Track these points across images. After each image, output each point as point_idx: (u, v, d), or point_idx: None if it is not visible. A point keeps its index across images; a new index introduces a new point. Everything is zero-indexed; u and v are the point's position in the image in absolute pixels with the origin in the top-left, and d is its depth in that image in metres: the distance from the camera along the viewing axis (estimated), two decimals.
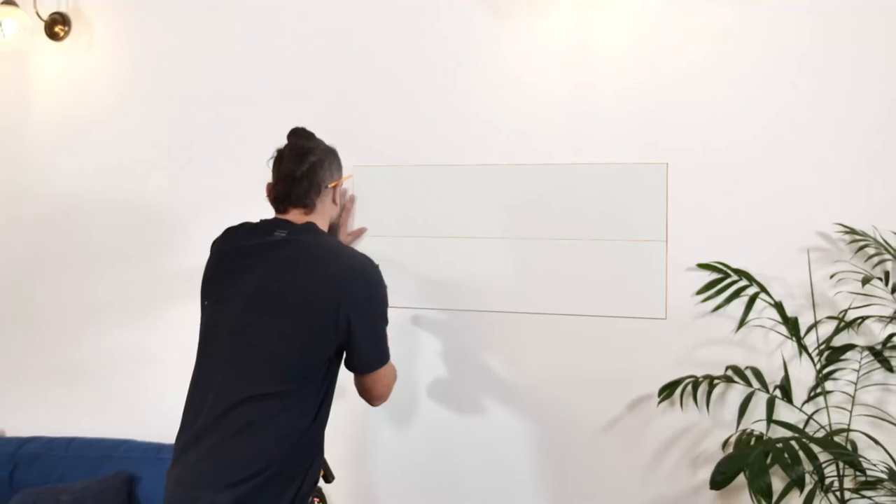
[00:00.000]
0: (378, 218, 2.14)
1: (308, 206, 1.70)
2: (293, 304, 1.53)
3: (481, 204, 2.07)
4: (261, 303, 1.53)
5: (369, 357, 1.66)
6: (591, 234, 2.01)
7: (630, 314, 1.98)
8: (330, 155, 1.77)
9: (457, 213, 2.09)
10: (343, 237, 2.08)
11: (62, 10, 2.40)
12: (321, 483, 1.65)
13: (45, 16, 2.38)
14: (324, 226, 1.74)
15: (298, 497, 1.57)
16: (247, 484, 1.46)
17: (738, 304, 1.90)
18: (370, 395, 1.71)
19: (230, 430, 1.49)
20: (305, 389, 1.56)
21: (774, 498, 1.57)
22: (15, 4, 2.33)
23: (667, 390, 1.86)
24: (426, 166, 2.11)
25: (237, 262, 1.59)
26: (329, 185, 1.74)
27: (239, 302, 1.54)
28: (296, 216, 1.69)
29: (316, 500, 1.63)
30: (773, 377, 1.89)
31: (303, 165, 1.70)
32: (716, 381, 1.85)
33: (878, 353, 1.78)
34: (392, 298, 1.69)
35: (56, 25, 2.38)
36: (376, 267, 1.66)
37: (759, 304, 1.89)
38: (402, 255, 2.12)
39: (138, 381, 2.30)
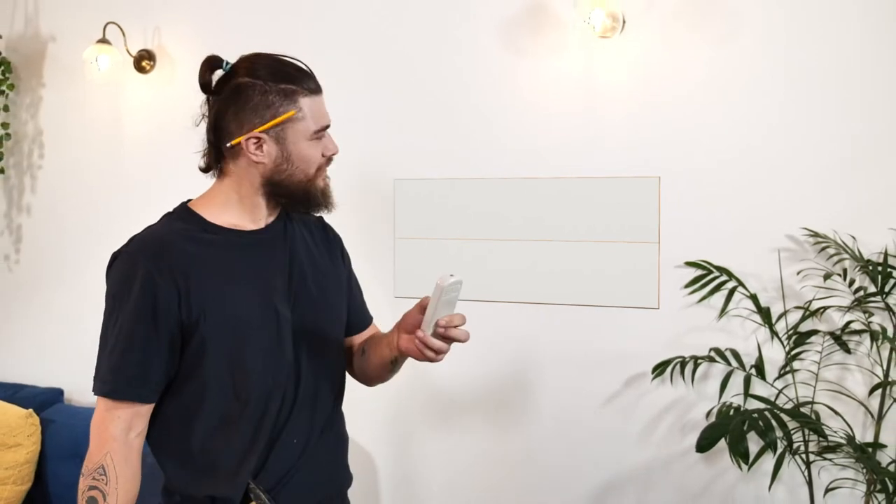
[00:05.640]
0: (416, 223, 2.30)
1: (219, 173, 1.17)
2: None
3: (502, 211, 2.21)
4: None
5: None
6: (594, 237, 2.12)
7: (628, 304, 2.10)
8: (238, 95, 1.10)
9: (481, 218, 2.23)
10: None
11: (148, 47, 2.59)
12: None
13: (134, 52, 2.58)
14: (241, 194, 1.16)
15: None
16: None
17: (720, 297, 2.01)
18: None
19: None
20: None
21: (750, 459, 1.70)
22: (108, 43, 2.52)
23: (659, 368, 1.98)
24: (456, 179, 2.26)
25: None
26: (230, 144, 1.10)
27: None
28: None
29: None
30: (749, 358, 1.99)
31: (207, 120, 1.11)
32: (700, 361, 1.95)
33: (837, 338, 1.89)
34: (421, 291, 1.60)
35: (143, 60, 2.57)
36: (122, 252, 1.14)
37: (737, 296, 1.99)
38: (434, 255, 2.27)
39: None
